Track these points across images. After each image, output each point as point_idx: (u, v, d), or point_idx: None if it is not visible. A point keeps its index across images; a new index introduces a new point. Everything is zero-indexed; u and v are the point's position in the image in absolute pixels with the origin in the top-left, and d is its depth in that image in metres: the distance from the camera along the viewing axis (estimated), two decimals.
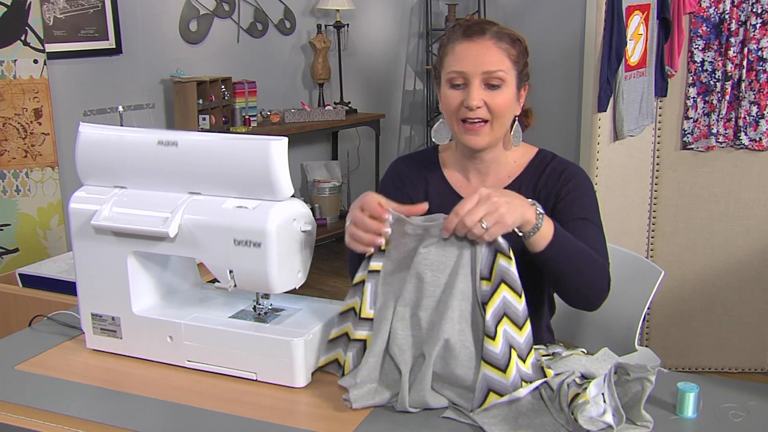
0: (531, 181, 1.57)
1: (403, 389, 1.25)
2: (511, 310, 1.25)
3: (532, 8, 4.77)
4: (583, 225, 1.49)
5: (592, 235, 1.48)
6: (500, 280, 1.25)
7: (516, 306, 1.25)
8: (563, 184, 1.54)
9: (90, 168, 1.49)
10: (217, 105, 4.13)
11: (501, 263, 1.25)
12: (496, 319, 1.23)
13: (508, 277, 1.25)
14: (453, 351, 1.25)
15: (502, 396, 1.21)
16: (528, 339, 1.26)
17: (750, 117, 2.91)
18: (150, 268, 1.50)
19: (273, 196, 1.35)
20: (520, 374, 1.24)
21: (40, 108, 3.26)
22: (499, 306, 1.24)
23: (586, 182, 1.57)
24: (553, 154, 1.62)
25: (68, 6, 3.66)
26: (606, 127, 2.78)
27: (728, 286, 3.10)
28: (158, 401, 1.32)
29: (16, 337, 1.61)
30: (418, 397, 1.25)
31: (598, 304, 1.47)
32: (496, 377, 1.22)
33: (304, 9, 4.86)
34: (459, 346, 1.25)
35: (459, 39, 1.49)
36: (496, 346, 1.22)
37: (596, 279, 1.43)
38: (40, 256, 3.19)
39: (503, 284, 1.24)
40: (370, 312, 1.32)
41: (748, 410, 1.24)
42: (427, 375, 1.25)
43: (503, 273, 1.25)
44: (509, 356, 1.23)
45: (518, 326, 1.25)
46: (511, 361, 1.23)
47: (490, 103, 1.47)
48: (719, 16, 2.87)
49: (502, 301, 1.24)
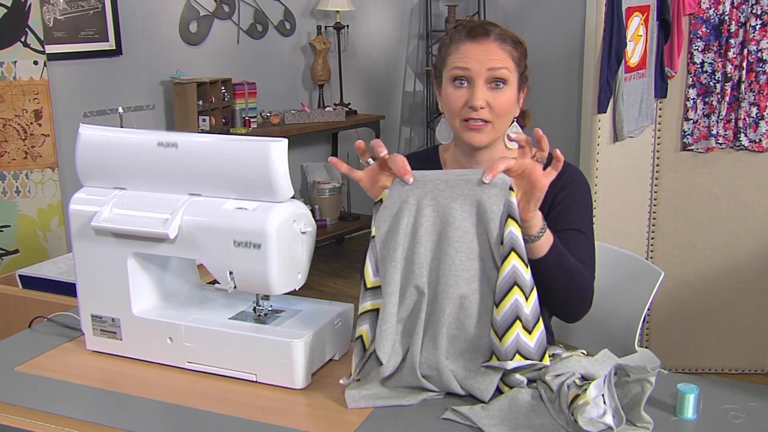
0: None
1: (413, 355, 1.26)
2: (521, 279, 1.25)
3: (532, 9, 4.78)
4: (575, 236, 1.50)
5: (582, 248, 1.50)
6: (510, 248, 1.25)
7: (524, 275, 1.26)
8: (561, 188, 1.54)
9: (90, 169, 1.49)
10: (217, 106, 4.13)
11: (512, 230, 1.25)
12: (506, 288, 1.25)
13: (518, 245, 1.25)
14: (468, 311, 1.27)
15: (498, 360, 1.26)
16: (534, 309, 1.27)
17: (750, 118, 2.92)
18: (150, 270, 1.50)
19: (273, 198, 1.35)
20: (520, 347, 1.25)
21: (40, 109, 3.27)
22: (509, 274, 1.25)
23: (583, 187, 1.58)
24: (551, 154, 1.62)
25: (68, 7, 3.66)
26: (606, 129, 2.78)
27: (728, 287, 3.09)
28: (158, 402, 1.32)
29: (16, 339, 1.61)
30: (432, 359, 1.26)
31: (579, 318, 1.51)
32: (495, 342, 1.26)
33: (304, 10, 4.86)
34: (472, 304, 1.27)
35: (463, 39, 1.50)
36: (499, 313, 1.24)
37: (582, 295, 1.46)
38: (40, 258, 3.19)
39: (513, 253, 1.25)
40: (375, 280, 1.32)
41: (748, 411, 1.24)
42: (440, 332, 1.26)
43: (513, 241, 1.25)
44: (510, 325, 1.24)
45: (525, 296, 1.26)
46: (510, 330, 1.24)
47: (492, 103, 1.48)
48: (719, 17, 2.87)
49: (512, 270, 1.25)
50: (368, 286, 1.32)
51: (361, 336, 1.32)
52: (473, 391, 1.26)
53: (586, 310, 1.50)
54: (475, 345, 1.29)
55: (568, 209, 1.53)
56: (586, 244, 1.53)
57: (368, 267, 1.32)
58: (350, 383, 1.31)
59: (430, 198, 1.30)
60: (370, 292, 1.32)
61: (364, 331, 1.32)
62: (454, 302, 1.27)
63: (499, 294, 1.25)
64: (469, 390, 1.27)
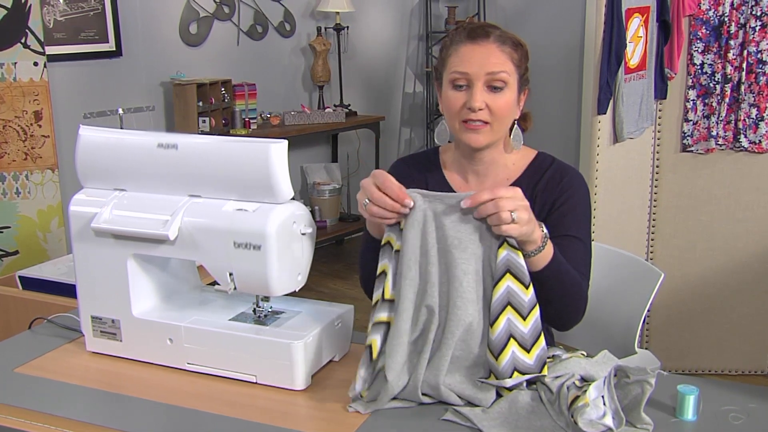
0: (529, 185, 1.57)
1: (418, 374, 1.26)
2: (516, 300, 1.25)
3: (532, 10, 4.78)
4: (571, 243, 1.49)
5: (577, 255, 1.49)
6: (505, 269, 1.25)
7: (521, 296, 1.26)
8: (560, 193, 1.54)
9: (90, 170, 1.49)
10: (217, 107, 4.13)
11: (508, 254, 1.25)
12: (499, 308, 1.25)
13: (514, 267, 1.25)
14: (474, 333, 1.28)
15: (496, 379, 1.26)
16: (533, 329, 1.27)
17: (750, 119, 2.92)
18: (150, 271, 1.50)
19: (273, 199, 1.35)
20: (518, 365, 1.25)
21: (40, 110, 3.27)
22: (503, 295, 1.25)
23: (582, 192, 1.57)
24: (552, 157, 1.62)
25: (68, 8, 3.67)
26: (606, 130, 2.78)
27: (728, 288, 3.09)
28: (158, 404, 1.32)
29: (16, 340, 1.61)
30: (432, 379, 1.26)
31: (571, 326, 1.52)
32: (491, 361, 1.26)
33: (304, 11, 4.86)
34: (478, 326, 1.28)
35: (463, 41, 1.50)
36: (493, 333, 1.25)
37: (576, 304, 1.47)
38: (40, 259, 3.19)
39: (508, 274, 1.25)
40: (392, 294, 1.32)
41: (748, 413, 1.24)
42: (446, 355, 1.26)
43: (509, 263, 1.25)
44: (504, 344, 1.24)
45: (522, 316, 1.26)
46: (505, 350, 1.24)
47: (491, 105, 1.48)
48: (719, 18, 2.87)
49: (506, 291, 1.25)
50: (386, 298, 1.32)
51: (371, 345, 1.31)
52: (473, 401, 1.26)
53: (579, 319, 1.50)
54: (477, 362, 1.29)
55: (566, 216, 1.52)
56: (582, 252, 1.52)
57: (389, 279, 1.32)
58: (356, 396, 1.30)
59: (439, 219, 1.30)
60: (388, 304, 1.32)
61: (374, 342, 1.31)
62: (463, 326, 1.27)
63: (493, 315, 1.26)
64: (469, 399, 1.27)
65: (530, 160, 1.61)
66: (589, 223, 1.57)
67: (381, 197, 1.30)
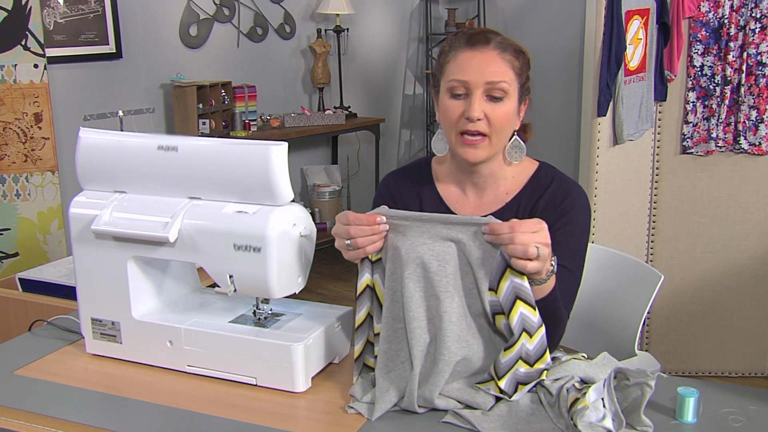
0: (529, 202, 1.53)
1: (412, 386, 1.25)
2: (528, 323, 1.25)
3: (531, 13, 4.78)
4: (561, 273, 1.43)
5: (564, 287, 1.45)
6: (515, 296, 1.25)
7: (531, 319, 1.25)
8: (558, 216, 1.49)
9: (90, 173, 1.49)
10: (217, 109, 4.13)
11: (515, 280, 1.25)
12: (517, 334, 1.24)
13: (523, 293, 1.25)
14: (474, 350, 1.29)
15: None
16: (538, 346, 1.26)
17: (749, 121, 2.92)
18: (150, 273, 1.50)
19: (273, 201, 1.35)
20: (519, 378, 1.26)
21: (40, 112, 3.27)
22: (518, 322, 1.24)
23: (581, 216, 1.52)
24: (554, 171, 1.56)
25: (69, 11, 3.67)
26: (606, 132, 2.79)
27: (728, 290, 3.09)
28: (158, 406, 1.32)
29: (16, 342, 1.61)
30: (428, 394, 1.25)
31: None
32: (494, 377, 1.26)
33: (304, 13, 4.87)
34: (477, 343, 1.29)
35: (462, 47, 1.45)
36: (505, 357, 1.25)
37: (554, 335, 1.42)
38: (40, 261, 3.19)
39: (519, 300, 1.25)
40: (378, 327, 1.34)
41: (748, 415, 1.24)
42: (444, 371, 1.26)
43: (518, 290, 1.25)
44: (511, 366, 1.25)
45: (530, 335, 1.25)
46: (511, 369, 1.25)
47: (490, 115, 1.43)
48: (718, 20, 2.87)
49: (520, 317, 1.24)
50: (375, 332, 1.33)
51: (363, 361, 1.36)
52: (472, 404, 1.26)
53: (554, 349, 1.46)
54: (476, 372, 1.30)
55: (560, 244, 1.42)
56: (570, 283, 1.48)
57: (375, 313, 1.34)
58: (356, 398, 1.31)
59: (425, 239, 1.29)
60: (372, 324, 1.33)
61: (368, 361, 1.35)
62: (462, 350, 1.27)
63: (510, 342, 1.25)
64: (468, 403, 1.26)
65: (531, 173, 1.56)
66: (584, 251, 1.53)
67: (358, 228, 1.30)
